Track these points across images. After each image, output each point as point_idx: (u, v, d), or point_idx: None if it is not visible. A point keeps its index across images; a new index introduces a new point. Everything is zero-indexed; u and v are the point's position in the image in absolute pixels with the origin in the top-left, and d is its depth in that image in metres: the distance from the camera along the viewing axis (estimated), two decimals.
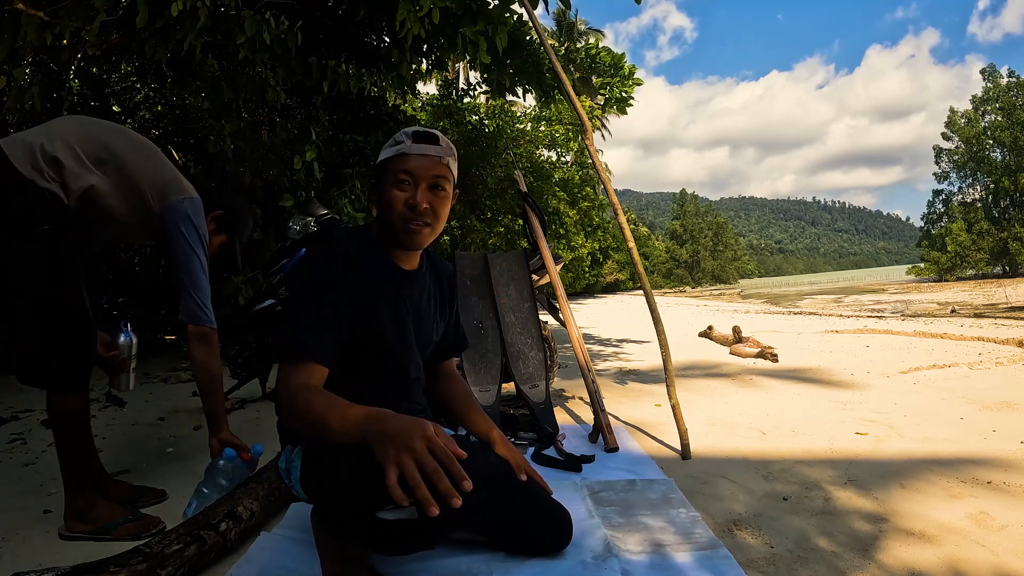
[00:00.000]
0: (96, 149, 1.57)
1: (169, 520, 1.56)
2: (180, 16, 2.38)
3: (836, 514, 1.57)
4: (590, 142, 2.56)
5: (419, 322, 1.32)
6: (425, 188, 1.19)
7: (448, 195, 1.23)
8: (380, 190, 1.22)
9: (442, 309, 1.42)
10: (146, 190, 1.62)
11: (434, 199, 1.20)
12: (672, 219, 73.43)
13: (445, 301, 1.43)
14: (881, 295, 23.20)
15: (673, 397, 2.15)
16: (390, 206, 1.19)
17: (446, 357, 1.52)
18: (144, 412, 2.97)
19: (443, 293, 1.42)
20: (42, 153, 1.48)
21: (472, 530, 1.36)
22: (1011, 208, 36.85)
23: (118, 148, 1.61)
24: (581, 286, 24.05)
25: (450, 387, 1.50)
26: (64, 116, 1.73)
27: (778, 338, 6.11)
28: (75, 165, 1.52)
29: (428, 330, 1.36)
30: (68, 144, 1.53)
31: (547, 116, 8.49)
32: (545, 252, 2.76)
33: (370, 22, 3.77)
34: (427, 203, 1.19)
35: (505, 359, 2.62)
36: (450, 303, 1.46)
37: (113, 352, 1.78)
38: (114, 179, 1.58)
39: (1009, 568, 1.27)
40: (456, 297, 1.50)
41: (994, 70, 38.06)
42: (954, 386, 3.24)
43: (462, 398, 1.48)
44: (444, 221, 1.25)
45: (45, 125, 1.58)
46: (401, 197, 1.18)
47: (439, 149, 1.20)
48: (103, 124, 1.66)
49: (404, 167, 1.18)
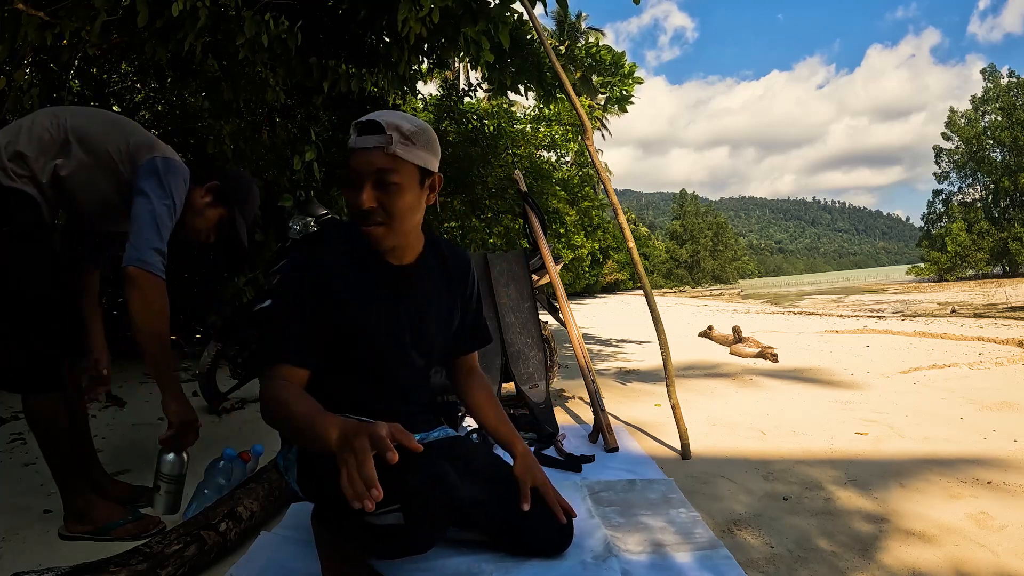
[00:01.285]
0: (60, 132, 1.50)
1: (168, 520, 1.56)
2: (180, 16, 2.38)
3: (836, 514, 1.57)
4: (590, 142, 2.56)
5: (418, 318, 1.25)
6: (369, 185, 1.09)
7: (402, 187, 1.10)
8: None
9: (452, 302, 1.33)
10: (115, 156, 1.53)
11: (383, 196, 1.09)
12: (672, 219, 73.43)
13: (456, 293, 1.33)
14: (881, 295, 23.20)
15: (673, 397, 2.15)
16: (348, 208, 1.12)
17: (464, 352, 1.44)
18: (144, 412, 2.96)
19: (453, 285, 1.32)
20: (5, 152, 1.44)
21: (472, 530, 1.36)
22: (1011, 208, 36.85)
23: (80, 123, 1.53)
24: (581, 286, 24.06)
25: (472, 388, 1.44)
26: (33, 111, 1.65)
27: (778, 338, 6.11)
28: (39, 154, 1.47)
29: (431, 326, 1.28)
30: (31, 135, 1.47)
31: (547, 117, 8.50)
32: (545, 252, 2.76)
33: (370, 22, 3.76)
34: (372, 202, 1.09)
35: (505, 359, 2.62)
36: (465, 295, 1.36)
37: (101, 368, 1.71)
38: (80, 156, 1.50)
39: (1009, 568, 1.27)
40: (473, 289, 1.39)
41: (994, 70, 38.07)
42: (954, 386, 3.24)
43: (485, 403, 1.43)
44: (407, 216, 1.13)
45: (10, 125, 1.52)
46: (349, 198, 1.11)
47: (381, 139, 1.07)
48: (69, 108, 1.58)
49: (350, 165, 1.10)
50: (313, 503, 1.20)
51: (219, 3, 2.63)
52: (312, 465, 1.12)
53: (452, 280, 1.32)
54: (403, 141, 1.10)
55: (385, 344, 1.21)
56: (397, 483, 0.93)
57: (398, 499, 0.95)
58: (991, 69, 38.22)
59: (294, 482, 1.19)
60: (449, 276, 1.32)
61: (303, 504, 1.62)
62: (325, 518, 1.16)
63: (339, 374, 1.21)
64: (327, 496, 1.07)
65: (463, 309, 1.37)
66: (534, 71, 4.09)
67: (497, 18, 3.37)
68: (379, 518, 0.97)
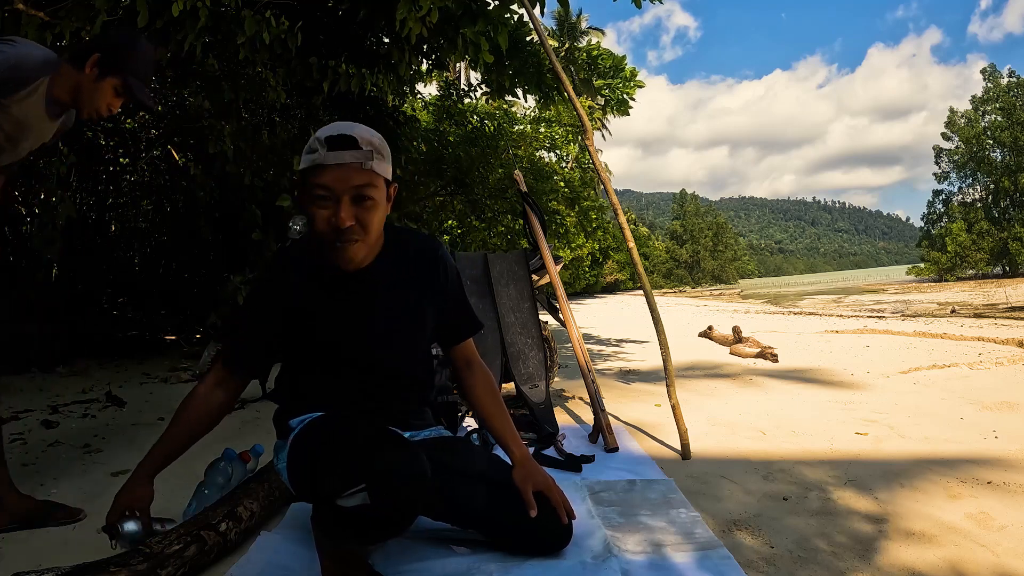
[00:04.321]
0: None
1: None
2: (180, 16, 2.39)
3: (836, 514, 1.57)
4: (590, 143, 2.56)
5: (374, 317, 1.23)
6: (348, 202, 1.08)
7: (377, 202, 1.11)
8: (303, 202, 1.13)
9: (420, 292, 1.28)
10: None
11: (360, 211, 1.09)
12: (672, 219, 73.47)
13: (424, 283, 1.29)
14: (881, 295, 23.20)
15: (673, 397, 2.15)
16: (313, 224, 1.10)
17: (454, 342, 1.41)
18: (144, 412, 2.97)
19: (419, 274, 1.28)
20: None
21: (473, 530, 1.36)
22: (1011, 208, 36.87)
23: None
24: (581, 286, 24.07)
25: (471, 382, 1.42)
26: None
27: (778, 338, 6.11)
28: None
29: (394, 322, 1.25)
30: None
31: (547, 117, 8.50)
32: (545, 252, 2.76)
33: (370, 22, 3.77)
34: (352, 220, 1.08)
35: (505, 359, 2.62)
36: (437, 282, 1.31)
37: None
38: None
39: (1009, 568, 1.27)
40: (447, 274, 1.33)
41: (994, 70, 38.11)
42: (954, 386, 3.24)
43: (484, 399, 1.41)
44: (378, 228, 1.15)
45: None
46: (323, 216, 1.09)
47: (358, 154, 1.07)
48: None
49: (321, 181, 1.07)
50: (300, 497, 1.23)
51: (219, 3, 2.63)
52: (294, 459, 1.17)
53: (417, 269, 1.29)
54: (377, 155, 1.10)
55: (347, 349, 1.24)
56: (365, 464, 0.97)
57: (364, 479, 0.97)
58: (991, 69, 38.25)
59: (288, 481, 1.21)
60: (411, 266, 1.28)
61: (303, 504, 1.61)
62: (319, 518, 1.17)
63: (317, 375, 1.26)
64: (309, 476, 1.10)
65: (439, 296, 1.32)
66: (533, 73, 4.09)
67: (497, 19, 3.37)
68: (346, 500, 0.99)
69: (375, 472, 0.98)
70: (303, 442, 1.16)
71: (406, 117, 5.88)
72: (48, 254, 4.30)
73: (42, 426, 2.65)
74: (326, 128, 1.11)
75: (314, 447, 1.11)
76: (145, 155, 5.41)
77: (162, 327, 5.76)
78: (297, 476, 1.16)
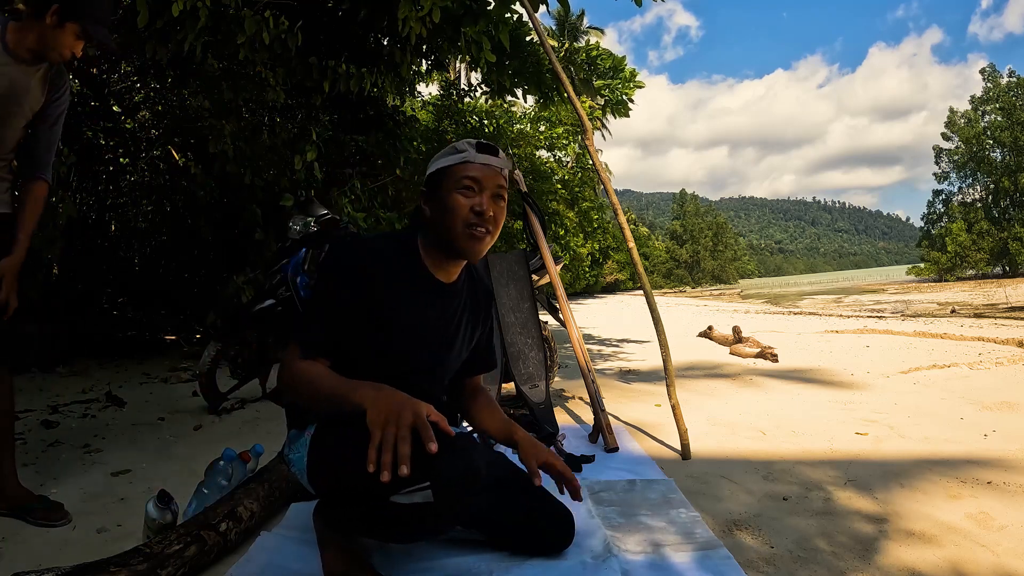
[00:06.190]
0: None
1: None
2: (180, 16, 2.39)
3: (836, 514, 1.57)
4: (590, 143, 2.56)
5: (448, 336, 1.30)
6: (489, 196, 1.19)
7: (505, 206, 1.24)
8: (439, 196, 1.20)
9: (474, 326, 1.39)
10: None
11: (496, 208, 1.21)
12: (672, 219, 73.49)
13: (479, 318, 1.40)
14: (881, 295, 23.20)
15: (673, 397, 2.15)
16: (454, 212, 1.17)
17: (473, 374, 1.48)
18: (144, 412, 2.97)
19: (478, 310, 1.39)
20: None
21: (473, 530, 1.36)
22: (1011, 208, 36.88)
23: None
24: (581, 286, 24.05)
25: (479, 408, 1.46)
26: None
27: (778, 338, 6.11)
28: None
29: (457, 345, 1.33)
30: None
31: (547, 116, 8.50)
32: (545, 252, 2.76)
33: (371, 22, 3.77)
34: (492, 211, 1.20)
35: (505, 359, 2.62)
36: (484, 320, 1.43)
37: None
38: None
39: (1009, 568, 1.27)
40: (491, 317, 1.46)
41: (994, 70, 38.12)
42: (954, 386, 3.24)
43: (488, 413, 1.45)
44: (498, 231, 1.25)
45: None
46: (467, 203, 1.18)
47: (501, 161, 1.22)
48: None
49: (469, 174, 1.18)
50: (321, 495, 1.21)
51: (219, 3, 2.63)
52: (328, 450, 1.12)
53: (479, 305, 1.39)
54: (510, 168, 1.27)
55: (414, 349, 1.24)
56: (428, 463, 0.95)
57: (429, 478, 0.97)
58: (991, 69, 38.26)
59: (303, 474, 1.17)
60: (477, 301, 1.38)
61: (303, 504, 1.62)
62: (329, 512, 1.16)
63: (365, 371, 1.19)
64: (350, 474, 1.05)
65: (481, 330, 1.43)
66: (533, 73, 4.09)
67: (497, 19, 3.37)
68: (407, 496, 0.99)
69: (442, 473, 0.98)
70: (339, 435, 1.11)
71: (406, 117, 5.88)
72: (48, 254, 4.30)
73: (42, 426, 2.64)
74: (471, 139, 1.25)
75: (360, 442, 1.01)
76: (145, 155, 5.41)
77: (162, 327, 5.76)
78: (330, 471, 1.13)
